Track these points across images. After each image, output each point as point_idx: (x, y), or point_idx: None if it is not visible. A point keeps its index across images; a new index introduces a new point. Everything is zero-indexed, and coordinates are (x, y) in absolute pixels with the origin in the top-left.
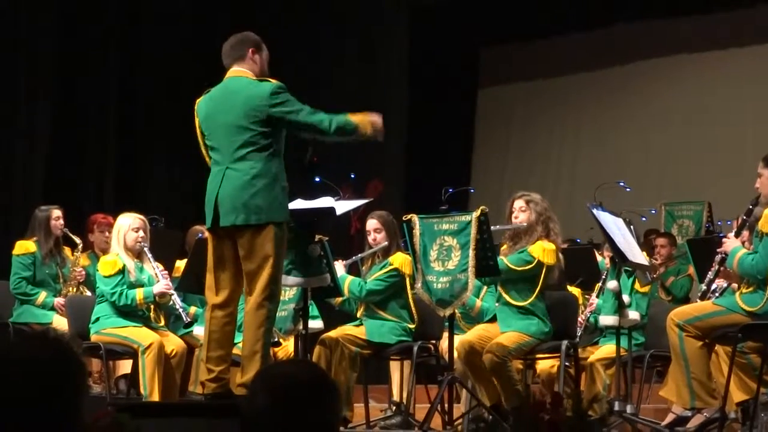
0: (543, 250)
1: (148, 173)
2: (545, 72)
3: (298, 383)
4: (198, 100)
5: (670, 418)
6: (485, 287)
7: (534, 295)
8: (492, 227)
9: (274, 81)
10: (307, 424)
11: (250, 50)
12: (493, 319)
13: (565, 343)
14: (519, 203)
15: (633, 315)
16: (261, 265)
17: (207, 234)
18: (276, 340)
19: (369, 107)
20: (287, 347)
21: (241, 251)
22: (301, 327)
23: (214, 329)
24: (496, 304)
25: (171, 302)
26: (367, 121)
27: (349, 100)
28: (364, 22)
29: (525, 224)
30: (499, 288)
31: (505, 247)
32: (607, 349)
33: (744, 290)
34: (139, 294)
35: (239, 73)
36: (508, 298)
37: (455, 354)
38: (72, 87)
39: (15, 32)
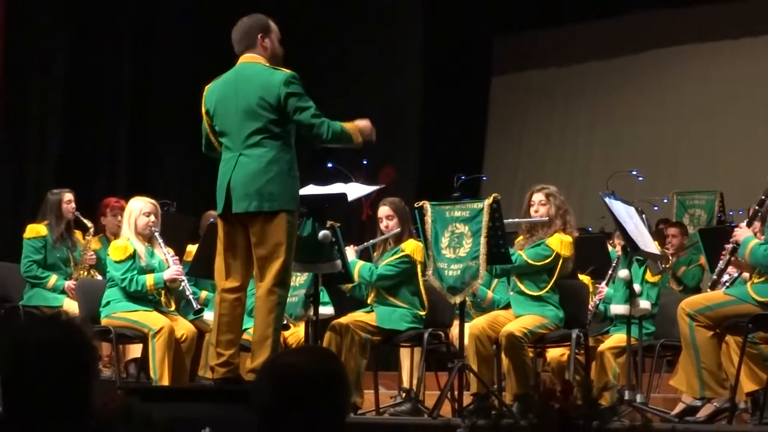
0: (561, 242)
1: (160, 158)
2: (559, 60)
3: (304, 375)
4: (207, 86)
5: (679, 407)
6: (496, 279)
7: (549, 286)
8: (511, 219)
9: (287, 70)
10: (312, 415)
11: (259, 36)
12: (506, 307)
13: (575, 331)
14: (538, 196)
15: (644, 304)
16: (273, 252)
17: (218, 220)
18: (285, 323)
19: (382, 94)
20: (298, 333)
21: (253, 238)
22: (311, 313)
23: (224, 313)
24: (510, 292)
25: (181, 288)
26: (357, 130)
27: (362, 87)
28: (378, 9)
29: (546, 218)
30: (513, 277)
31: (521, 238)
32: (617, 338)
33: (756, 280)
34: (149, 280)
35: (252, 59)
36: (522, 288)
37: (465, 340)
38: (87, 74)
39: (33, 18)
